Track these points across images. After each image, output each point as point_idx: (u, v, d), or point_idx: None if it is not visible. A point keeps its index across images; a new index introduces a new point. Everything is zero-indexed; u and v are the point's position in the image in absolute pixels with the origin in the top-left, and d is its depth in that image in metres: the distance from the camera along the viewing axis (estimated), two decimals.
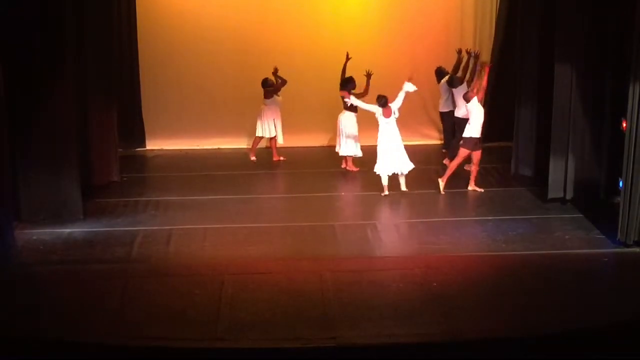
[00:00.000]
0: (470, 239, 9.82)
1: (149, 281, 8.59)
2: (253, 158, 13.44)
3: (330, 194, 11.76)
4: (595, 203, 10.57)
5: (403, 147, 11.55)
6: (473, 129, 11.38)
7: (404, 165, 11.49)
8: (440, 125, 14.42)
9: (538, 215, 10.61)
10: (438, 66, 13.56)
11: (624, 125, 9.44)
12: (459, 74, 12.90)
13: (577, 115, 10.65)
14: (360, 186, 12.06)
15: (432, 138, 14.88)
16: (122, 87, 13.92)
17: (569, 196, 10.88)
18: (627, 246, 9.32)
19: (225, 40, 14.24)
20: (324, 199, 11.52)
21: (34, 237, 9.75)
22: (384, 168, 11.41)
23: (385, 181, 11.42)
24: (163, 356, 7.15)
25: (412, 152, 13.50)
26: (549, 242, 9.67)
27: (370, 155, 12.79)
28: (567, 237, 9.81)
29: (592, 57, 10.42)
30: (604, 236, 9.72)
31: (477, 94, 11.41)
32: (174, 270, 8.95)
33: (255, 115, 13.49)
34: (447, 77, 13.19)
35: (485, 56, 14.71)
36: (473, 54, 12.70)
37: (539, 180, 11.41)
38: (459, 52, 13.20)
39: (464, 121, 11.87)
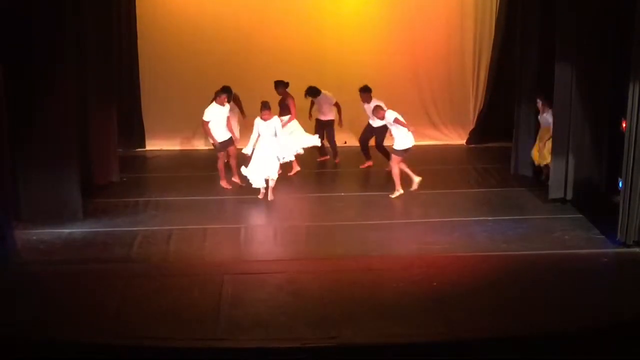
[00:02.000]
0: (469, 239, 9.81)
1: (148, 281, 8.58)
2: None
3: (330, 194, 11.75)
4: (595, 203, 10.56)
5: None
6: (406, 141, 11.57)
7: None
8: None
9: (538, 215, 10.62)
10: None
11: (624, 125, 9.44)
12: None
13: (577, 115, 10.65)
14: (360, 186, 12.06)
15: (432, 138, 14.88)
16: (122, 87, 13.94)
17: (569, 196, 10.88)
18: (627, 246, 9.32)
19: (225, 40, 14.25)
20: (324, 199, 11.51)
21: (34, 237, 9.76)
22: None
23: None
24: (163, 356, 7.15)
25: (411, 152, 13.54)
26: (549, 242, 9.66)
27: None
28: (566, 237, 9.81)
29: (592, 57, 10.42)
30: (603, 236, 9.72)
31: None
32: (173, 271, 8.96)
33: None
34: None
35: (485, 56, 14.77)
36: None
37: (539, 181, 11.41)
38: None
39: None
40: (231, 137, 12.03)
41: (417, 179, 11.56)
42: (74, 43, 10.42)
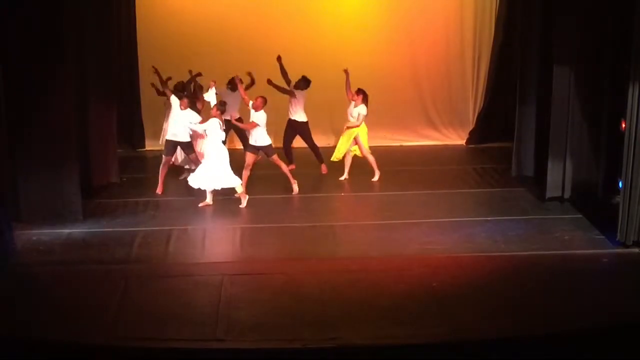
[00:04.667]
0: (469, 239, 9.80)
1: (148, 282, 8.58)
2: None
3: (330, 195, 11.74)
4: (595, 203, 10.56)
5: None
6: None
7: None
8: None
9: (538, 215, 10.61)
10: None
11: (623, 125, 9.44)
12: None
13: (576, 115, 10.65)
14: (360, 187, 12.04)
15: (431, 139, 14.90)
16: (122, 88, 13.93)
17: (567, 195, 10.88)
18: (627, 247, 9.32)
19: (225, 40, 14.24)
20: (324, 200, 11.51)
21: (34, 238, 9.75)
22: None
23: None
24: (162, 357, 7.15)
25: (411, 153, 13.56)
26: (549, 242, 9.66)
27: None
28: (566, 237, 9.81)
29: (591, 57, 10.42)
30: (603, 236, 9.71)
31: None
32: (173, 271, 8.95)
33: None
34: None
35: (485, 56, 14.77)
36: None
37: (539, 181, 11.41)
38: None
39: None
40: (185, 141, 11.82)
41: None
42: (74, 43, 10.42)
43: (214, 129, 10.96)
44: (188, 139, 11.82)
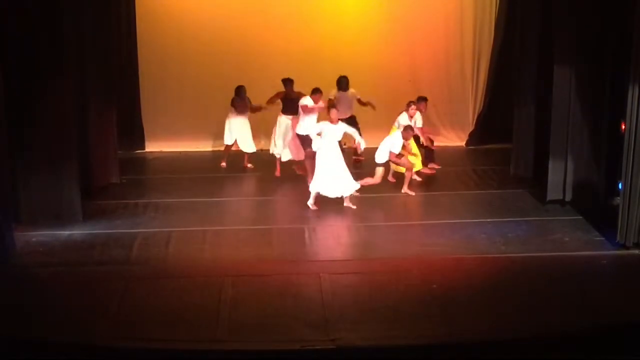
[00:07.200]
0: (469, 240, 9.80)
1: (148, 283, 8.58)
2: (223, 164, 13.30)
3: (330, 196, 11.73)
4: (595, 205, 10.56)
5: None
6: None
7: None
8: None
9: (537, 217, 10.61)
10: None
11: (623, 127, 9.44)
12: None
13: (576, 117, 10.64)
14: (359, 189, 12.02)
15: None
16: (122, 89, 13.91)
17: (568, 198, 10.88)
18: (627, 248, 9.32)
19: (225, 41, 14.24)
20: (324, 201, 11.49)
21: (34, 239, 9.75)
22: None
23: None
24: (162, 357, 7.15)
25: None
26: (548, 244, 9.66)
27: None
28: (566, 239, 9.81)
29: (591, 58, 10.42)
30: (603, 238, 9.72)
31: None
32: (173, 272, 8.95)
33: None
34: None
35: (485, 58, 14.77)
36: None
37: (538, 182, 11.41)
38: None
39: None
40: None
41: None
42: (74, 43, 10.41)
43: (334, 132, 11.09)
44: None
